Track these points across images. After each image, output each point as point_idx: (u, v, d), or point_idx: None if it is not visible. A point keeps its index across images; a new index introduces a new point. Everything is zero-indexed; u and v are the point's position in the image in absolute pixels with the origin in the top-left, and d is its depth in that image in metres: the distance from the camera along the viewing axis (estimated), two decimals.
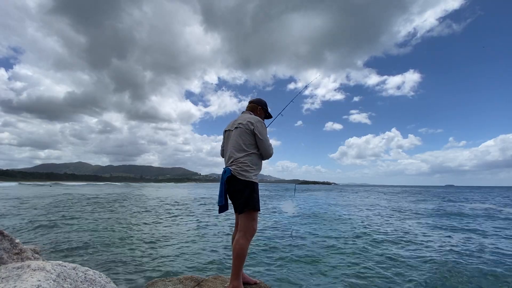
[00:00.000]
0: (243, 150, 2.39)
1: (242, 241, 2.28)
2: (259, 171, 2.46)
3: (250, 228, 2.31)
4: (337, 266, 5.73)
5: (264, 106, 2.75)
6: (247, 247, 2.30)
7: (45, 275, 1.48)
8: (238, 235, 2.33)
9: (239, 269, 2.27)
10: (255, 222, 2.35)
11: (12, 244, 2.11)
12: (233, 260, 2.28)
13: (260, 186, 2.63)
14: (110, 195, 30.52)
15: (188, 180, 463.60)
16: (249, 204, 2.30)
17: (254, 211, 2.33)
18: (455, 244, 7.80)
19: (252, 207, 2.31)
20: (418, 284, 4.84)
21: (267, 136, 2.50)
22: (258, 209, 2.35)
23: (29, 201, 20.15)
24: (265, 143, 2.44)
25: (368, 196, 35.73)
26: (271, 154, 2.51)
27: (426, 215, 14.82)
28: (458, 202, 25.12)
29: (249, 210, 2.31)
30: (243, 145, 2.40)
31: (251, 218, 2.32)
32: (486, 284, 4.88)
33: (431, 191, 70.23)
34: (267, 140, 2.47)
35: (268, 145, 2.48)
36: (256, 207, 2.34)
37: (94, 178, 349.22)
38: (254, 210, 2.33)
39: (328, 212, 15.46)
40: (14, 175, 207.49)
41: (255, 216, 2.35)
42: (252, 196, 2.32)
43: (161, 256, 6.22)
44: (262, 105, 2.74)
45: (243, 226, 2.32)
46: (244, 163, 2.36)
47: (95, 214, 13.42)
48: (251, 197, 2.31)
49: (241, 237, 2.30)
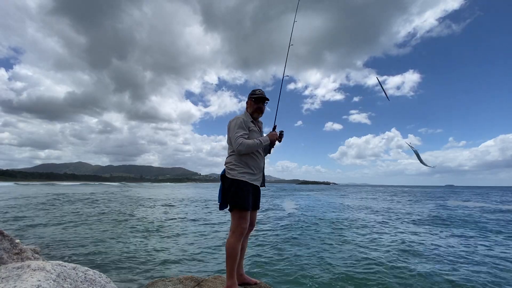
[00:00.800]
0: (229, 149, 2.45)
1: (230, 240, 2.28)
2: (248, 169, 2.34)
3: (238, 227, 2.28)
4: (337, 266, 5.73)
5: (250, 96, 2.51)
6: (237, 246, 2.26)
7: (45, 275, 1.48)
8: (228, 234, 2.33)
9: (231, 268, 2.26)
10: (244, 221, 2.29)
11: (12, 244, 2.11)
12: (226, 259, 2.28)
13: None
14: (107, 195, 30.51)
15: (188, 180, 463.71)
16: (234, 202, 2.28)
17: (241, 210, 2.27)
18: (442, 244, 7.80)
19: (238, 206, 2.27)
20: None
21: (238, 129, 2.32)
22: (244, 208, 2.27)
23: (25, 201, 20.14)
24: (232, 138, 2.34)
25: (368, 197, 35.73)
26: (239, 149, 2.28)
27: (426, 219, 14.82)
28: (453, 207, 25.10)
29: (236, 209, 2.29)
30: (229, 144, 2.46)
31: (238, 217, 2.28)
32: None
33: (431, 191, 70.21)
34: (234, 135, 2.31)
35: (235, 140, 2.29)
36: (243, 206, 2.27)
37: (94, 178, 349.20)
38: (240, 208, 2.27)
39: (327, 213, 15.45)
40: (14, 175, 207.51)
41: (243, 215, 2.28)
42: (237, 194, 2.28)
43: (161, 256, 6.22)
44: (249, 96, 2.53)
45: (232, 225, 2.32)
46: (229, 162, 2.38)
47: (94, 214, 13.42)
48: (236, 195, 2.28)
49: (230, 236, 2.30)
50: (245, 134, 2.34)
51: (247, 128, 2.39)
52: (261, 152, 2.48)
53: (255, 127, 2.48)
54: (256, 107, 2.48)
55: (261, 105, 2.49)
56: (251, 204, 2.33)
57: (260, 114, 2.54)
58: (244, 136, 2.33)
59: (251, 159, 2.37)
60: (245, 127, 2.37)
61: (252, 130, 2.42)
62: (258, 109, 2.49)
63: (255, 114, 2.51)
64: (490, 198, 34.61)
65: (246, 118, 2.44)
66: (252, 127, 2.44)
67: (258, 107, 2.48)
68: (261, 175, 2.46)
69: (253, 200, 2.40)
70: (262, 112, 2.53)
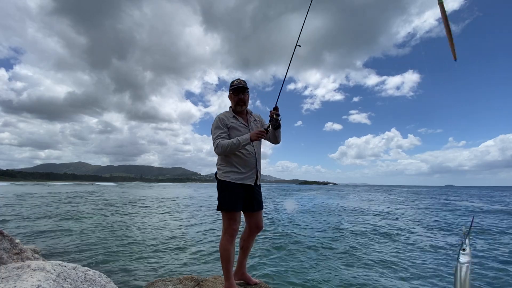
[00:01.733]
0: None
1: (222, 241, 2.24)
2: (233, 168, 2.23)
3: (228, 228, 2.21)
4: (337, 266, 5.73)
5: (229, 89, 2.36)
6: (228, 247, 2.20)
7: (45, 275, 1.48)
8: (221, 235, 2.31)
9: (226, 270, 2.22)
10: (233, 222, 2.21)
11: (12, 244, 2.11)
12: (221, 261, 2.26)
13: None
14: (106, 196, 30.51)
15: (188, 180, 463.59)
16: (218, 203, 2.24)
17: (227, 211, 2.21)
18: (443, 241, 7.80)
19: (222, 207, 2.22)
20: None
21: (215, 130, 2.26)
22: (228, 209, 2.20)
23: (25, 201, 20.14)
24: (212, 138, 2.29)
25: (368, 197, 35.73)
26: (216, 152, 2.22)
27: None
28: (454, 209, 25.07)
29: (221, 210, 2.23)
30: None
31: (226, 218, 2.22)
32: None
33: (430, 191, 70.19)
34: (212, 138, 2.26)
35: (213, 140, 2.24)
36: (226, 207, 2.20)
37: (94, 178, 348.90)
38: (226, 210, 2.21)
39: (327, 213, 15.46)
40: (14, 175, 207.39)
41: (230, 216, 2.21)
42: (221, 194, 2.23)
43: (161, 256, 6.22)
44: (229, 90, 2.37)
45: (222, 226, 2.27)
46: (217, 163, 2.34)
47: (93, 215, 13.41)
48: (220, 195, 2.24)
49: (221, 237, 2.26)
50: (223, 133, 2.23)
51: (225, 126, 2.26)
52: (252, 145, 2.30)
53: (237, 122, 2.31)
54: (236, 99, 2.31)
55: (241, 95, 2.31)
56: (238, 205, 2.22)
57: (243, 106, 2.35)
58: (221, 135, 2.22)
59: (236, 157, 2.23)
60: (221, 126, 2.25)
61: (231, 127, 2.27)
62: (240, 101, 2.31)
63: (238, 107, 2.34)
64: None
65: (225, 115, 2.33)
66: (232, 123, 2.28)
67: (239, 99, 2.31)
68: (253, 173, 2.28)
69: (249, 200, 2.29)
70: (244, 103, 2.34)
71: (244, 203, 2.27)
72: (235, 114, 2.36)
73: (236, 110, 2.37)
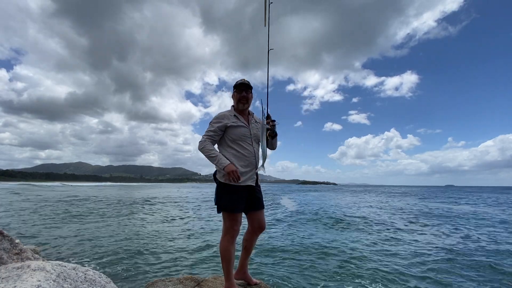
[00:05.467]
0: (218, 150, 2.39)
1: (222, 242, 2.24)
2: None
3: (230, 229, 2.20)
4: (337, 266, 5.73)
5: (233, 87, 2.38)
6: (229, 248, 2.20)
7: (45, 275, 1.48)
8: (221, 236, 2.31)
9: (227, 271, 2.22)
10: (234, 223, 2.20)
11: (12, 244, 2.11)
12: (221, 262, 2.25)
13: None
14: (105, 196, 30.51)
15: (188, 180, 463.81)
16: (217, 205, 2.24)
17: (228, 213, 2.20)
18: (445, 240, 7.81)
19: (220, 208, 2.21)
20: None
21: (209, 125, 2.29)
22: (227, 210, 2.19)
23: (24, 202, 20.14)
24: (207, 129, 2.31)
25: (367, 197, 35.72)
26: (198, 146, 2.23)
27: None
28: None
29: (221, 211, 2.23)
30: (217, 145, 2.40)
31: (226, 219, 2.22)
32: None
33: (430, 192, 70.18)
34: (208, 127, 2.29)
35: (205, 132, 2.27)
36: (224, 208, 2.19)
37: (94, 178, 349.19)
38: (226, 211, 2.20)
39: (327, 213, 15.44)
40: (14, 175, 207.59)
41: (231, 217, 2.20)
42: (222, 196, 2.22)
43: (161, 256, 6.22)
44: (233, 88, 2.39)
45: (222, 226, 2.26)
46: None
47: (94, 215, 13.42)
48: (221, 197, 2.22)
49: (221, 238, 2.26)
50: (211, 131, 2.23)
51: (223, 127, 2.25)
52: (252, 146, 2.30)
53: (238, 121, 2.29)
54: (239, 96, 2.31)
55: (245, 93, 2.30)
56: (240, 206, 2.21)
57: (245, 104, 2.33)
58: (209, 133, 2.23)
59: (237, 158, 2.23)
60: (218, 128, 2.25)
61: (231, 126, 2.25)
62: (242, 98, 2.30)
63: (240, 105, 2.32)
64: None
65: (226, 113, 2.32)
66: (233, 123, 2.26)
67: (242, 96, 2.30)
68: (252, 173, 2.26)
69: (250, 200, 2.28)
70: (247, 101, 2.33)
71: (245, 204, 2.27)
72: (237, 112, 2.34)
73: (238, 108, 2.35)
